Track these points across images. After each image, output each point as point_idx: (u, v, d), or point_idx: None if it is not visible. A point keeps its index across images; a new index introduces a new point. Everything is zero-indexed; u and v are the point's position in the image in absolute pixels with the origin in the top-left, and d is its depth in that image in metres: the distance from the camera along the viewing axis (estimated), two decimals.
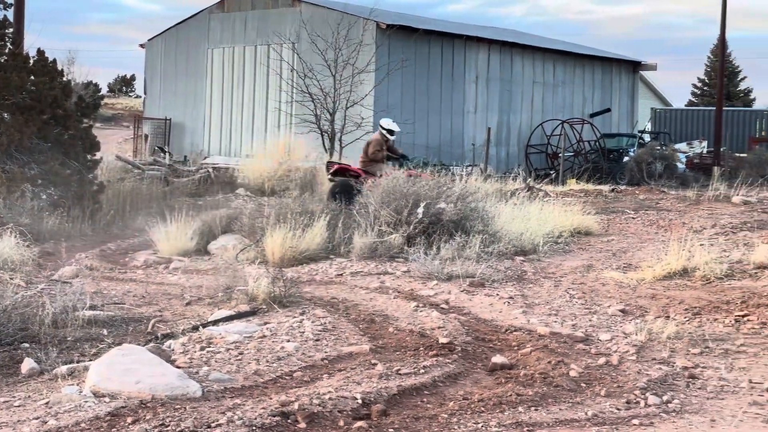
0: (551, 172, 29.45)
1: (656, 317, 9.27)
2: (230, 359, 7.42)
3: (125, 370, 6.63)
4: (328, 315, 9.06)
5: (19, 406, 6.29)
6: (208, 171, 22.58)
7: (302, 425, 5.93)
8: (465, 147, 30.43)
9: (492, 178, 22.07)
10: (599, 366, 7.61)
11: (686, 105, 58.62)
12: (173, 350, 7.61)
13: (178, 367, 6.98)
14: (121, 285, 11.00)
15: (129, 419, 5.91)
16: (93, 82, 49.76)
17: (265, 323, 8.65)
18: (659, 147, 30.72)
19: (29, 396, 6.54)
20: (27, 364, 7.25)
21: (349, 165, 17.39)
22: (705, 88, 61.61)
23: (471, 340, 8.29)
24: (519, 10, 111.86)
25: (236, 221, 14.03)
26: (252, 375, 7.03)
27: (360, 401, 6.40)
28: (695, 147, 35.28)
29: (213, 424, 5.80)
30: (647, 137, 35.30)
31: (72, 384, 6.72)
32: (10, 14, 22.37)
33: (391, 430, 5.97)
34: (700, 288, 10.62)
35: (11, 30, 17.20)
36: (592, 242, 14.53)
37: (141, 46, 35.04)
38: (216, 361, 7.34)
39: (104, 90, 70.02)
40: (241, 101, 31.40)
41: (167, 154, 26.18)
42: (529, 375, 7.20)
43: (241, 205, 17.15)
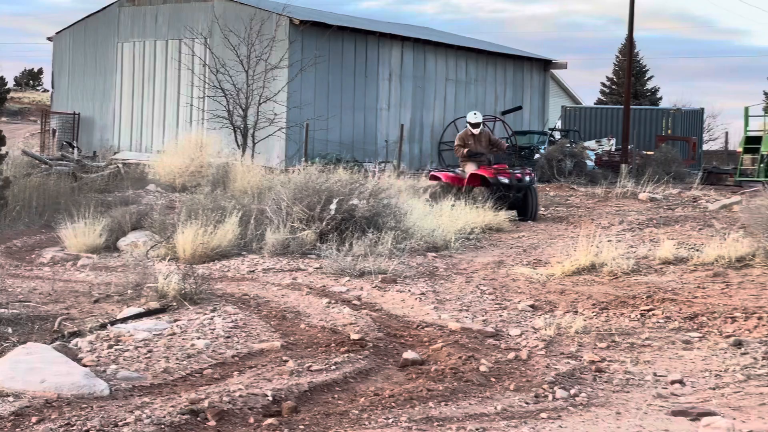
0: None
1: (565, 312, 9.42)
2: (139, 357, 7.32)
3: (30, 369, 6.49)
4: (240, 312, 8.99)
5: None
6: (118, 167, 22.22)
7: (212, 423, 5.88)
8: (378, 144, 30.51)
9: (405, 175, 22.17)
10: (509, 361, 7.70)
11: (595, 103, 59.64)
12: (80, 348, 7.47)
13: (85, 366, 6.86)
14: (27, 282, 10.75)
15: (34, 419, 5.80)
16: None
17: (176, 320, 8.55)
18: (569, 144, 31.21)
19: None
20: None
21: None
22: (613, 87, 62.74)
23: (383, 336, 8.31)
24: (432, 8, 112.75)
25: (147, 217, 13.85)
26: (161, 373, 6.94)
27: (271, 398, 6.37)
28: (604, 144, 35.89)
29: (120, 423, 5.71)
30: (558, 135, 35.84)
31: None
32: None
33: (302, 427, 5.95)
34: (608, 283, 10.83)
35: None
36: (503, 238, 14.70)
37: (49, 39, 34.33)
38: (124, 360, 7.24)
39: (11, 84, 68.41)
40: (153, 96, 30.98)
41: (75, 150, 25.69)
42: (440, 370, 7.24)
43: (152, 201, 16.92)
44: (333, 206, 12.91)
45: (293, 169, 15.41)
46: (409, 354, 7.63)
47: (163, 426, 5.73)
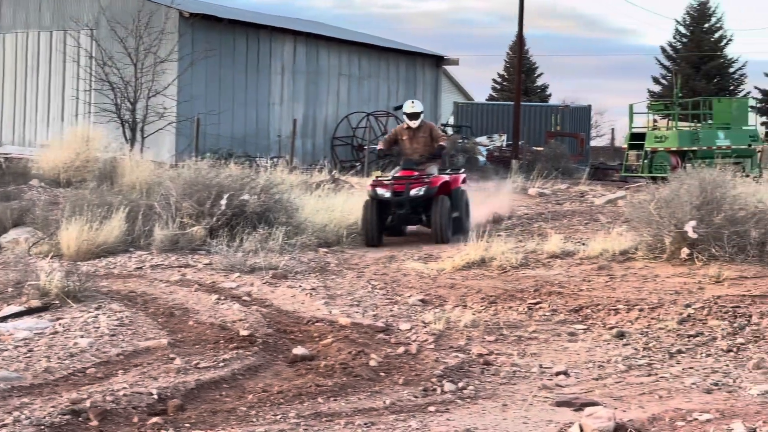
0: (357, 164, 29.73)
1: (454, 306, 9.50)
2: (19, 357, 7.12)
3: None
4: (126, 309, 8.81)
5: None
6: (0, 161, 21.55)
7: (94, 423, 5.74)
8: (271, 139, 30.30)
9: (298, 170, 22.07)
10: (398, 355, 7.73)
11: (487, 99, 60.46)
12: None
13: None
14: None
15: None
16: None
17: (58, 319, 8.34)
18: (461, 140, 31.53)
19: None
20: None
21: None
22: (504, 84, 63.66)
23: (272, 332, 8.25)
24: (324, 2, 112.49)
25: (29, 213, 13.49)
26: (42, 373, 6.76)
27: (156, 396, 6.26)
28: (495, 140, 36.41)
29: None
30: (450, 130, 36.18)
31: None
32: None
33: (188, 425, 5.86)
34: (497, 277, 10.96)
35: None
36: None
37: None
38: (3, 359, 7.03)
39: None
40: (36, 89, 30.15)
41: None
42: (330, 366, 7.22)
43: (35, 197, 16.48)
44: (223, 201, 12.76)
45: (183, 164, 15.16)
46: (299, 350, 7.59)
47: (43, 427, 5.58)
